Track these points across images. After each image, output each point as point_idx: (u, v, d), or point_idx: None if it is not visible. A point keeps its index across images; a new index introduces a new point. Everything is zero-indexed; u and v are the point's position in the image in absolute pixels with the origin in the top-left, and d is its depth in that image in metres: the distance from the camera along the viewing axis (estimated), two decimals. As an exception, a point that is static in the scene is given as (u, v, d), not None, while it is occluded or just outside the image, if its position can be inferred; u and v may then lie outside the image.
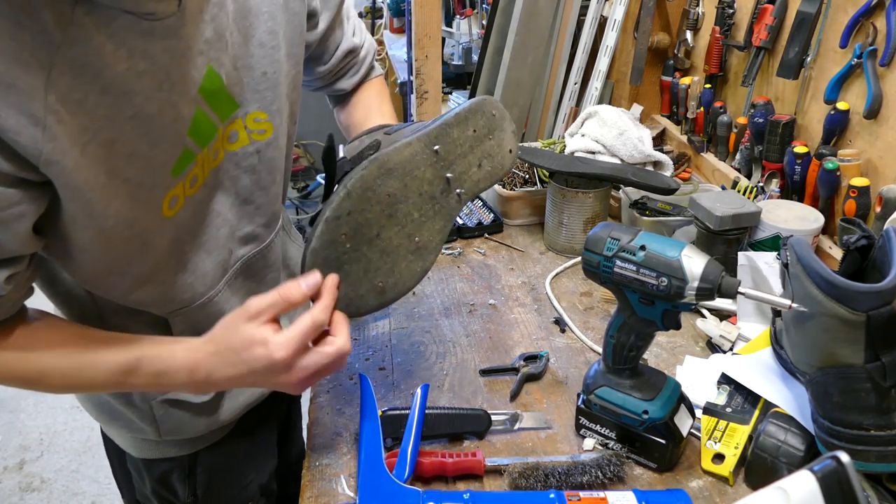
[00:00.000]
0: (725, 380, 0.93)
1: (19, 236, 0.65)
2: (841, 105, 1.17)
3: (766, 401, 0.87)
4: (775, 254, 1.06)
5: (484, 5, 2.53)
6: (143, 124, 0.67)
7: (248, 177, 0.86)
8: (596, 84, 1.77)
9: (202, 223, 0.83)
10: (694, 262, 0.73)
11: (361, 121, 1.05)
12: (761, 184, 1.33)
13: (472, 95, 1.94)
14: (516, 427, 0.90)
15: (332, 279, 0.77)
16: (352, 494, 0.79)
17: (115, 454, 1.06)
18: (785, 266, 0.81)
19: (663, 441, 0.81)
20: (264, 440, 1.09)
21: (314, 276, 0.76)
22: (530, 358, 1.01)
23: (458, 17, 2.71)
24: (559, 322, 1.12)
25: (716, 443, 0.84)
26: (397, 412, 0.87)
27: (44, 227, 0.67)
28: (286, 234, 1.04)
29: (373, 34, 3.94)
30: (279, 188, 0.93)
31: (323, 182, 0.91)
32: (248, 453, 1.05)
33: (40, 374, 0.74)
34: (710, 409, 0.89)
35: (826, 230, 1.18)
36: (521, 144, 1.56)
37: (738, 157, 1.43)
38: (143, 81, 0.66)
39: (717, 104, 1.51)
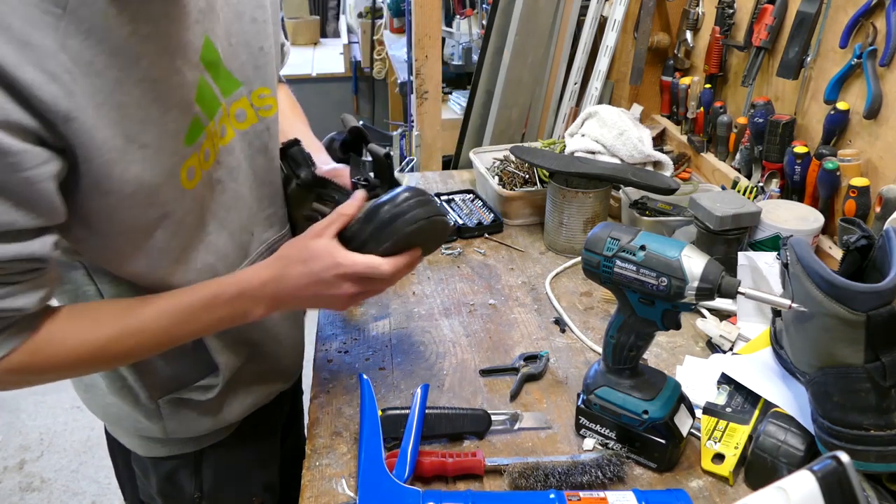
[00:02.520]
0: (725, 380, 0.93)
1: (51, 197, 0.65)
2: (841, 105, 1.17)
3: (766, 401, 0.87)
4: (775, 254, 1.06)
5: (484, 5, 2.53)
6: (152, 89, 0.69)
7: (261, 156, 0.87)
8: (596, 84, 1.77)
9: (222, 201, 0.83)
10: (694, 262, 0.73)
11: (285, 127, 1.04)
12: (761, 184, 1.33)
13: (472, 95, 1.94)
14: (516, 427, 0.90)
15: None
16: (352, 494, 0.79)
17: (119, 454, 1.07)
18: (785, 266, 0.81)
19: (663, 441, 0.81)
20: (269, 437, 1.10)
21: (362, 192, 0.85)
22: (530, 358, 1.01)
23: (458, 17, 2.71)
24: (559, 322, 1.12)
25: (716, 443, 0.84)
26: (397, 412, 0.87)
27: (65, 198, 0.68)
28: None
29: (373, 34, 3.94)
30: None
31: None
32: (253, 450, 1.06)
33: (139, 329, 0.76)
34: (710, 409, 0.89)
35: (826, 230, 1.18)
36: (521, 144, 1.56)
37: (738, 157, 1.43)
38: (147, 45, 0.67)
39: (717, 104, 1.51)
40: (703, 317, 1.10)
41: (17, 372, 0.71)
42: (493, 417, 0.89)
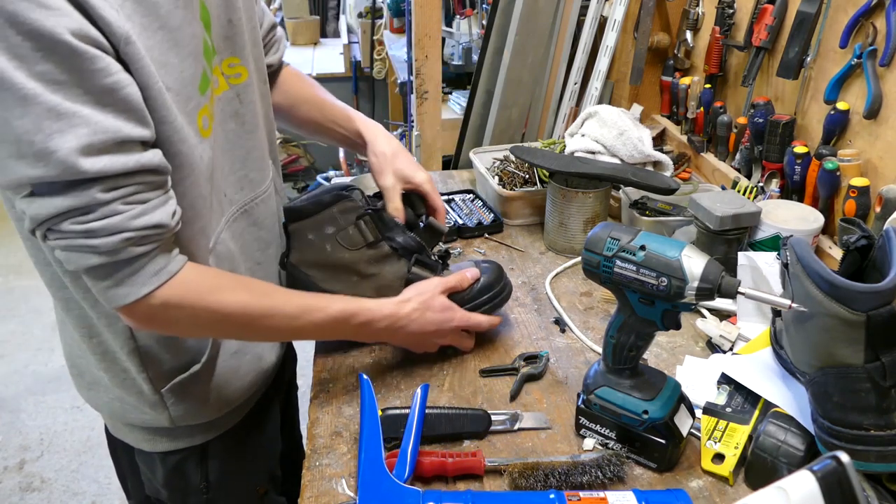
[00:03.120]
0: (725, 380, 0.93)
1: (141, 104, 0.69)
2: (841, 105, 1.17)
3: (766, 401, 0.87)
4: (775, 254, 1.06)
5: (484, 5, 2.53)
6: (170, 36, 0.73)
7: (232, 121, 0.90)
8: (596, 84, 1.77)
9: (216, 160, 0.87)
10: (694, 263, 0.73)
11: (316, 94, 1.14)
12: (761, 184, 1.33)
13: (472, 95, 1.94)
14: (516, 427, 0.90)
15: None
16: (352, 494, 0.79)
17: (122, 452, 1.07)
18: (785, 266, 0.81)
19: (663, 441, 0.81)
20: (270, 425, 1.11)
21: (474, 271, 1.04)
22: (530, 358, 1.01)
23: (458, 17, 2.71)
24: (559, 322, 1.12)
25: (716, 443, 0.84)
26: (397, 412, 0.87)
27: None
28: (276, 193, 1.05)
29: (373, 34, 3.94)
30: (263, 134, 0.98)
31: (323, 182, 1.02)
32: (257, 438, 1.07)
33: (267, 311, 0.84)
34: (710, 409, 0.89)
35: (826, 230, 1.18)
36: (521, 144, 1.56)
37: (738, 157, 1.43)
38: None
39: (717, 104, 1.51)
40: (703, 317, 1.10)
41: (175, 306, 0.76)
42: (493, 417, 0.89)
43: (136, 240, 0.72)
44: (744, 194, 1.29)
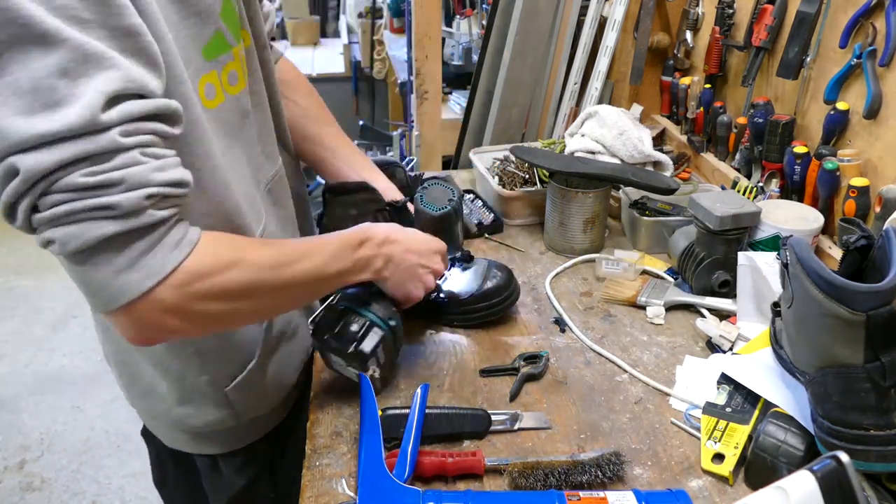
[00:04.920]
0: (725, 380, 0.93)
1: (157, 51, 0.61)
2: (841, 105, 1.17)
3: (765, 401, 0.87)
4: (775, 254, 1.06)
5: (484, 5, 2.53)
6: None
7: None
8: (596, 84, 1.77)
9: (248, 135, 0.84)
10: None
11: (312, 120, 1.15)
12: (761, 184, 1.33)
13: (472, 95, 1.94)
14: (516, 427, 0.90)
15: None
16: (352, 494, 0.79)
17: (189, 474, 1.05)
18: (785, 266, 0.81)
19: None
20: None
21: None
22: (530, 358, 1.01)
23: (458, 17, 2.71)
24: (559, 322, 1.12)
25: (716, 443, 0.84)
26: (397, 412, 0.87)
27: None
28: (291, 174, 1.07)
29: (373, 34, 3.94)
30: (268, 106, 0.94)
31: (324, 182, 1.13)
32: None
33: (291, 257, 0.76)
34: (710, 409, 0.89)
35: (826, 230, 1.18)
36: (521, 144, 1.56)
37: (737, 157, 1.43)
38: None
39: (717, 104, 1.51)
40: (703, 317, 1.11)
41: (203, 276, 0.65)
42: (493, 417, 0.89)
43: (159, 199, 0.61)
44: (744, 194, 1.29)
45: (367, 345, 0.88)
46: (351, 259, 0.83)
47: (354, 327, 0.88)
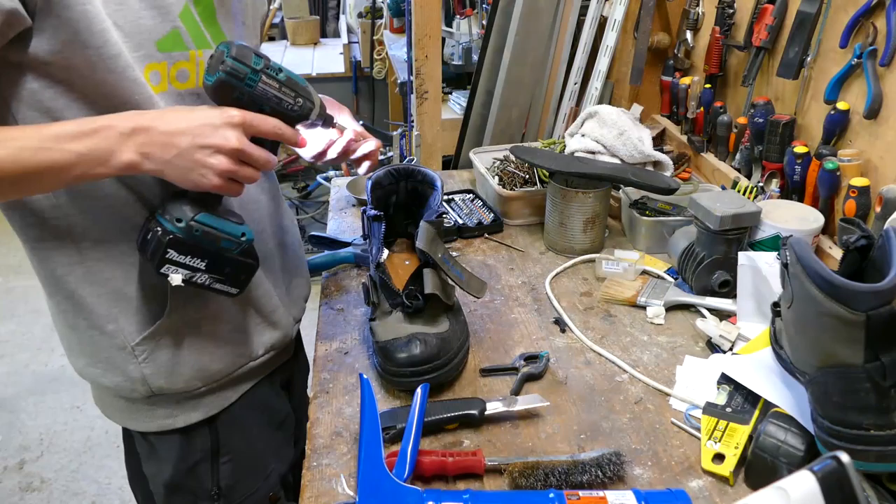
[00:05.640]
0: (725, 380, 0.93)
1: None
2: (841, 105, 1.17)
3: (766, 401, 0.87)
4: (775, 254, 1.06)
5: (484, 5, 2.52)
6: None
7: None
8: (596, 84, 1.77)
9: None
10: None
11: None
12: (761, 184, 1.33)
13: (472, 95, 1.94)
14: (513, 408, 0.90)
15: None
16: (352, 494, 0.79)
17: (131, 458, 1.05)
18: (785, 266, 0.81)
19: (253, 262, 0.87)
20: (284, 427, 1.11)
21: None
22: (530, 358, 1.01)
23: (458, 17, 2.71)
24: (559, 322, 1.12)
25: (716, 443, 0.84)
26: (397, 412, 0.87)
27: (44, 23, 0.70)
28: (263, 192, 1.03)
29: (373, 34, 3.94)
30: None
31: (323, 182, 1.03)
32: (269, 441, 1.07)
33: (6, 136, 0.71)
34: (710, 409, 0.89)
35: (826, 230, 1.18)
36: (521, 144, 1.56)
37: (738, 157, 1.44)
38: None
39: (717, 104, 1.51)
40: (703, 317, 1.10)
41: None
42: (489, 404, 0.89)
43: None
44: (744, 194, 1.29)
45: (153, 256, 0.79)
46: (70, 148, 0.72)
47: (147, 237, 0.81)
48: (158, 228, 0.79)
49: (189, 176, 0.76)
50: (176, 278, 0.80)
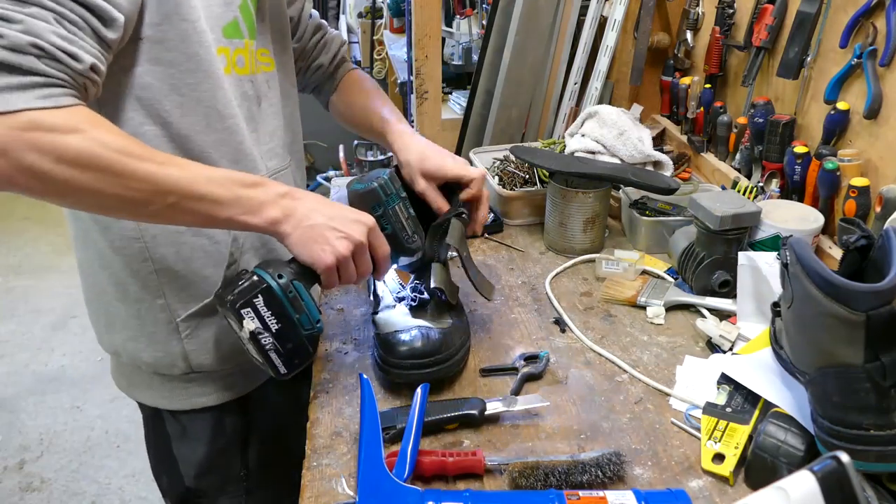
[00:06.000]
0: (725, 380, 0.93)
1: None
2: (841, 105, 1.17)
3: (766, 401, 0.87)
4: (775, 254, 1.06)
5: (484, 5, 2.52)
6: None
7: (255, 103, 0.96)
8: (596, 84, 1.77)
9: (252, 113, 0.93)
10: None
11: (365, 102, 1.16)
12: (761, 184, 1.33)
13: (472, 95, 1.94)
14: (513, 408, 0.90)
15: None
16: (352, 494, 0.79)
17: (161, 441, 1.06)
18: (785, 266, 0.81)
19: (311, 352, 0.89)
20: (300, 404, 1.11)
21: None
22: (530, 358, 1.01)
23: (458, 17, 2.70)
24: (559, 322, 1.12)
25: (716, 443, 0.84)
26: (397, 412, 0.87)
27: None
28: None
29: (373, 34, 3.93)
30: (280, 123, 1.03)
31: (323, 182, 1.06)
32: (296, 423, 1.05)
33: (153, 155, 0.74)
34: (710, 409, 0.89)
35: (826, 230, 1.18)
36: (521, 144, 1.56)
37: (738, 157, 1.43)
38: None
39: (717, 104, 1.51)
40: (703, 317, 1.10)
41: (45, 130, 0.66)
42: (489, 403, 0.89)
43: (48, 57, 0.66)
44: (744, 194, 1.29)
45: (240, 295, 0.81)
46: (233, 192, 0.78)
47: (241, 280, 0.83)
48: (255, 276, 0.83)
49: (311, 247, 0.82)
50: (249, 325, 0.81)
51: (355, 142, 3.47)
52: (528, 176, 1.50)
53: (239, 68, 0.89)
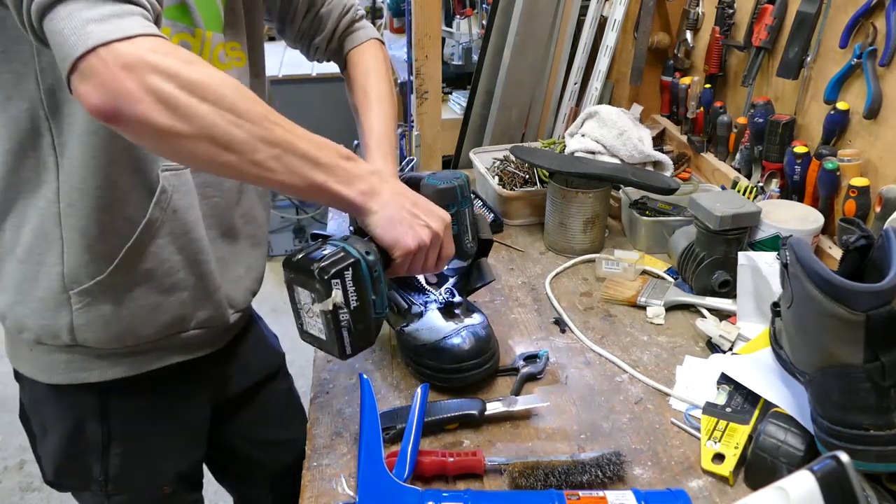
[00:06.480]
0: (725, 380, 0.93)
1: None
2: (841, 105, 1.17)
3: (765, 401, 0.87)
4: (775, 254, 1.06)
5: (484, 5, 2.52)
6: None
7: None
8: (596, 84, 1.77)
9: None
10: None
11: (359, 105, 1.09)
12: (761, 184, 1.33)
13: (472, 95, 1.94)
14: (513, 408, 0.90)
15: None
16: (352, 494, 0.79)
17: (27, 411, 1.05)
18: (784, 266, 0.81)
19: (373, 338, 0.85)
20: (191, 424, 1.08)
21: None
22: (530, 358, 1.01)
23: (458, 17, 2.70)
24: (559, 322, 1.12)
25: (716, 443, 0.84)
26: (397, 412, 0.87)
27: None
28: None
29: (373, 34, 3.93)
30: None
31: None
32: (169, 436, 1.05)
33: (264, 107, 0.73)
34: (710, 409, 0.89)
35: (826, 230, 1.18)
36: (521, 144, 1.56)
37: (738, 157, 1.43)
38: None
39: (717, 104, 1.51)
40: (703, 317, 1.10)
41: (166, 53, 0.67)
42: (488, 404, 0.90)
43: None
44: (744, 194, 1.29)
45: (332, 265, 0.78)
46: (333, 160, 0.78)
47: (325, 251, 0.80)
48: (342, 250, 0.80)
49: (396, 227, 0.82)
50: (337, 297, 0.78)
51: (355, 142, 3.46)
52: (528, 176, 1.50)
53: None
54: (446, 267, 0.97)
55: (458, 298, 1.02)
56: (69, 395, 0.96)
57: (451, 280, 1.05)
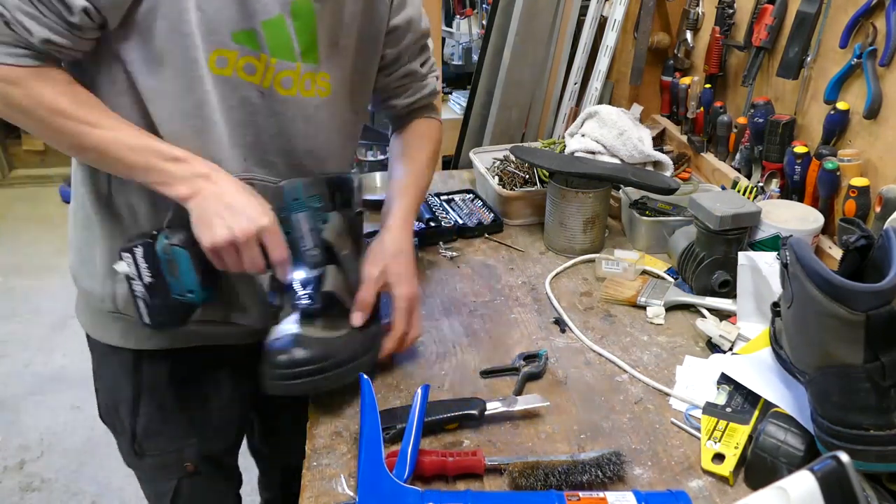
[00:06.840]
0: (725, 380, 0.93)
1: None
2: (841, 105, 1.17)
3: (766, 401, 0.87)
4: (775, 254, 1.06)
5: (484, 5, 2.53)
6: None
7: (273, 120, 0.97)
8: (596, 84, 1.77)
9: (247, 120, 0.93)
10: None
11: (397, 166, 1.16)
12: (761, 184, 1.33)
13: (472, 95, 1.94)
14: (513, 408, 0.90)
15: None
16: (352, 494, 0.79)
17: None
18: (785, 266, 0.81)
19: (176, 319, 0.93)
20: (218, 410, 1.15)
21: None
22: (529, 357, 1.01)
23: (458, 17, 2.71)
24: (559, 322, 1.12)
25: (716, 443, 0.84)
26: (397, 412, 0.87)
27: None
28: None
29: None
30: (302, 144, 1.00)
31: None
32: (194, 413, 1.12)
33: (80, 115, 0.84)
34: (710, 409, 0.89)
35: (826, 230, 1.18)
36: (521, 144, 1.56)
37: (738, 157, 1.44)
38: None
39: (717, 104, 1.51)
40: (703, 317, 1.10)
41: (16, 83, 0.81)
42: (489, 404, 0.89)
43: (8, 23, 0.78)
44: (744, 194, 1.29)
45: (127, 241, 0.89)
46: (149, 162, 0.86)
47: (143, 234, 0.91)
48: (148, 235, 0.90)
49: (200, 227, 0.87)
50: (122, 267, 0.89)
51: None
52: (528, 176, 1.50)
53: (247, 74, 0.91)
54: (289, 270, 0.92)
55: (307, 303, 0.93)
56: (110, 351, 1.07)
57: (301, 285, 0.95)
